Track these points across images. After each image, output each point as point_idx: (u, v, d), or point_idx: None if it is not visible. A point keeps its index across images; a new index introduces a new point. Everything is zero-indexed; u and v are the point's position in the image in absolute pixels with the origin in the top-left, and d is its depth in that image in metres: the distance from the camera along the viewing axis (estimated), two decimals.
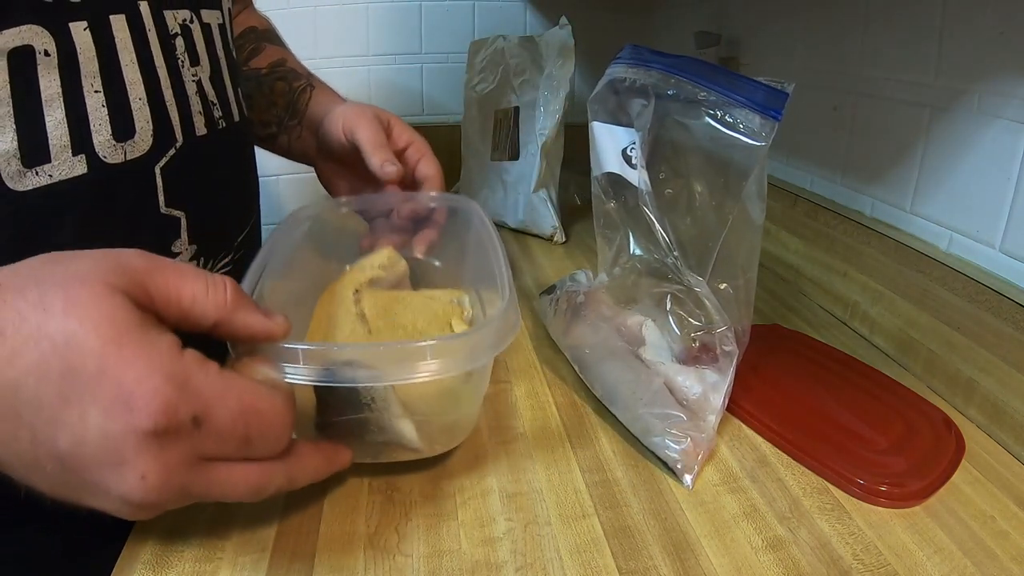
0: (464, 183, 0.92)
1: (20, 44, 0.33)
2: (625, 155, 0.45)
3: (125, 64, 0.39)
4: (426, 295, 0.47)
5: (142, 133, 0.39)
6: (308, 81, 0.63)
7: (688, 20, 0.93)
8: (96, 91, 0.37)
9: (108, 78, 0.38)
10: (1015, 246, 0.45)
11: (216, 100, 0.48)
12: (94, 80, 0.37)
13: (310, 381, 0.31)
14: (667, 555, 0.34)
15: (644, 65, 0.45)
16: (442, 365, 0.32)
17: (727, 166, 0.40)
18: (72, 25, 0.36)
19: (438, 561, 0.33)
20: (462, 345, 0.33)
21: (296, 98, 0.61)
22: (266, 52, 0.64)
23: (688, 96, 0.42)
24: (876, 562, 0.33)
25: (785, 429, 0.42)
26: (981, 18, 0.46)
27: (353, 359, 0.32)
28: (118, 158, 0.38)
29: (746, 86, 0.39)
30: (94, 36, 0.37)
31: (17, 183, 0.34)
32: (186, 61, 0.44)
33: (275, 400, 0.28)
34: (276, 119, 0.62)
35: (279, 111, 0.62)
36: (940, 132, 0.50)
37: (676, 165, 0.44)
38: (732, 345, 0.41)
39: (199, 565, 0.33)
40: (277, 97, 0.62)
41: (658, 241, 0.43)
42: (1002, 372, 0.43)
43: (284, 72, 0.63)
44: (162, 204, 0.41)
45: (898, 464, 0.39)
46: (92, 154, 0.37)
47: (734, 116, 0.39)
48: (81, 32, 0.36)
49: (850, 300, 0.58)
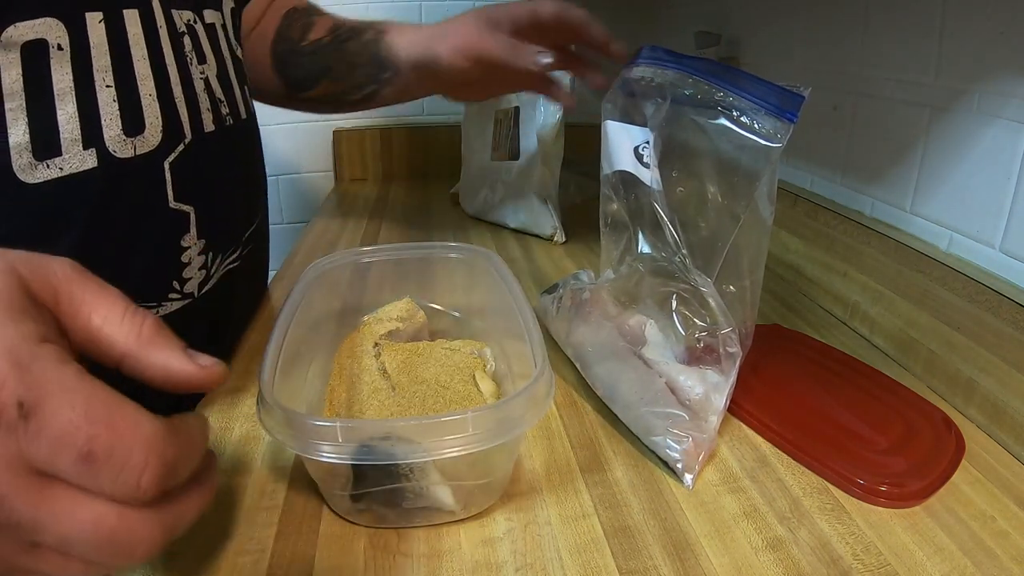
0: (464, 183, 0.92)
1: (34, 37, 0.34)
2: (637, 153, 0.45)
3: (137, 59, 0.39)
4: (446, 346, 0.47)
5: (152, 128, 0.40)
6: (374, 28, 0.62)
7: (688, 20, 0.93)
8: (108, 86, 0.37)
9: (120, 73, 0.38)
10: (1015, 246, 0.45)
11: (223, 98, 0.48)
12: (106, 75, 0.37)
13: (349, 461, 0.32)
14: (667, 555, 0.34)
15: (661, 64, 0.45)
16: (483, 436, 0.31)
17: (739, 167, 0.41)
18: (88, 16, 0.36)
19: (438, 561, 0.33)
20: (502, 414, 0.32)
21: (377, 50, 0.61)
22: (318, 23, 0.64)
23: (704, 96, 0.42)
24: (876, 562, 0.33)
25: (785, 429, 0.42)
26: (981, 18, 0.46)
27: (391, 432, 0.32)
28: (128, 152, 0.38)
29: (762, 88, 0.40)
30: (108, 29, 0.37)
31: (28, 175, 0.34)
32: (194, 59, 0.45)
33: (147, 423, 0.21)
34: (368, 77, 0.62)
35: (367, 69, 0.61)
36: (940, 132, 0.50)
37: (688, 165, 0.44)
38: (736, 347, 0.41)
39: (199, 565, 0.33)
40: (355, 57, 0.61)
41: (667, 240, 0.43)
42: (1002, 372, 0.43)
43: (347, 32, 0.62)
44: (171, 198, 0.41)
45: (898, 464, 0.39)
46: (102, 148, 0.37)
47: (750, 117, 0.40)
48: (96, 24, 0.37)
49: (850, 300, 0.58)
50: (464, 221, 0.89)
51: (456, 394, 0.41)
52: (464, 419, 0.31)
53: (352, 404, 0.40)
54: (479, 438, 0.31)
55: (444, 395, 0.41)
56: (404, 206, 0.96)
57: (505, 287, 0.45)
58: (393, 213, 0.92)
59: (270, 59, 0.64)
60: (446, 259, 0.52)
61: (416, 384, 0.42)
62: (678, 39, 0.97)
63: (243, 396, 0.46)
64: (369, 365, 0.44)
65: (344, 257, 0.50)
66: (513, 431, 0.32)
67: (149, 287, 0.42)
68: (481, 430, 0.31)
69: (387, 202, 0.98)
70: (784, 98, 0.39)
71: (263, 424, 0.32)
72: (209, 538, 0.34)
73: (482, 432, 0.31)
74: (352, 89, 0.63)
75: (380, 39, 0.61)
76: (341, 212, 0.93)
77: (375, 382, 0.42)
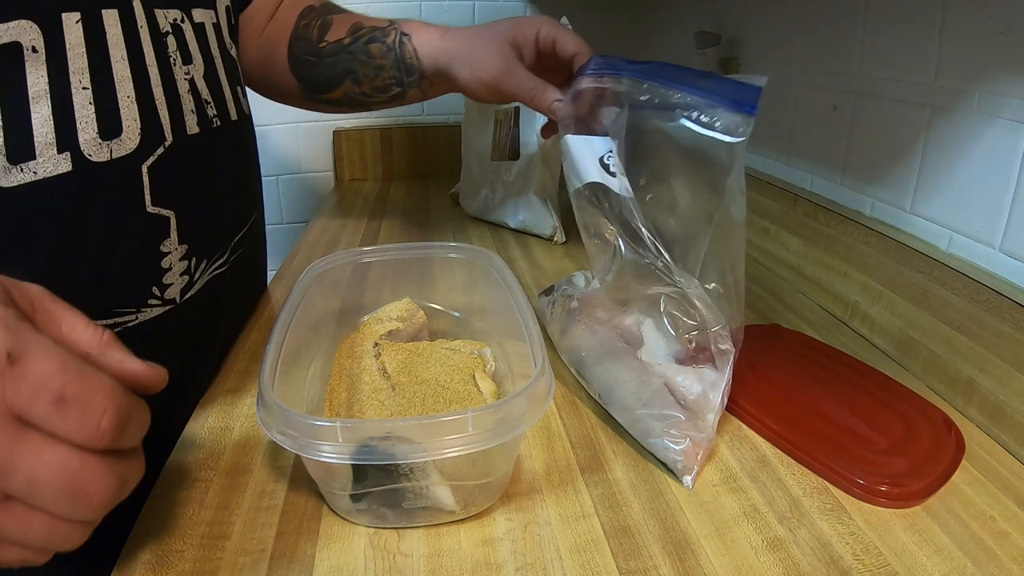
0: (464, 183, 0.92)
1: (8, 41, 0.33)
2: (603, 163, 0.45)
3: (115, 61, 0.38)
4: (446, 346, 0.47)
5: (129, 131, 0.39)
6: (396, 29, 0.62)
7: (688, 20, 0.93)
8: (84, 88, 0.37)
9: (97, 75, 0.37)
10: (1015, 246, 0.45)
11: (210, 99, 0.47)
12: (82, 77, 0.36)
13: (349, 461, 0.32)
14: (667, 555, 0.34)
15: (614, 73, 0.45)
16: (483, 436, 0.31)
17: (707, 165, 0.40)
18: (65, 16, 0.36)
19: (438, 561, 0.33)
20: (503, 414, 0.32)
21: (402, 55, 0.61)
22: (336, 22, 0.63)
23: (661, 99, 0.42)
24: (876, 562, 0.33)
25: (785, 429, 0.42)
26: (981, 18, 0.46)
27: (391, 432, 0.32)
28: (104, 156, 0.38)
29: (717, 84, 0.39)
30: (85, 30, 0.37)
31: (2, 179, 0.34)
32: (178, 59, 0.44)
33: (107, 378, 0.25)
34: (393, 80, 0.62)
35: (392, 72, 0.61)
36: (940, 132, 0.50)
37: (656, 169, 0.44)
38: (728, 343, 0.41)
39: (199, 565, 0.33)
40: (379, 60, 0.61)
41: (647, 245, 0.43)
42: (1002, 372, 0.43)
43: (368, 33, 0.62)
44: (148, 203, 0.41)
45: (898, 464, 0.39)
46: (77, 152, 0.37)
47: (709, 115, 0.39)
48: (73, 24, 0.36)
49: (850, 300, 0.58)
50: (464, 221, 0.89)
51: (456, 394, 0.41)
52: (464, 419, 0.31)
53: (352, 404, 0.40)
54: (479, 438, 0.31)
55: (444, 395, 0.41)
56: (404, 206, 0.96)
57: (505, 287, 0.45)
58: (393, 213, 0.92)
59: (287, 60, 0.63)
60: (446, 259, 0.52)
61: (416, 384, 0.42)
62: (678, 39, 0.97)
63: (243, 396, 0.46)
64: (369, 365, 0.44)
65: (344, 257, 0.50)
66: (513, 431, 0.32)
67: (127, 292, 0.41)
68: (481, 430, 0.31)
69: (387, 202, 0.98)
70: (740, 92, 0.38)
71: (263, 424, 0.32)
72: (209, 538, 0.34)
73: (482, 432, 0.31)
74: (376, 91, 0.63)
75: (405, 42, 0.61)
76: (341, 212, 0.93)
77: (375, 382, 0.42)
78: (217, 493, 0.37)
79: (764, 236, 0.72)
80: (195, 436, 0.42)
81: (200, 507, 0.36)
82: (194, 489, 0.38)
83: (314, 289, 0.46)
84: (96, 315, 0.35)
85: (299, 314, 0.42)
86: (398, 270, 0.52)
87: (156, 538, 0.34)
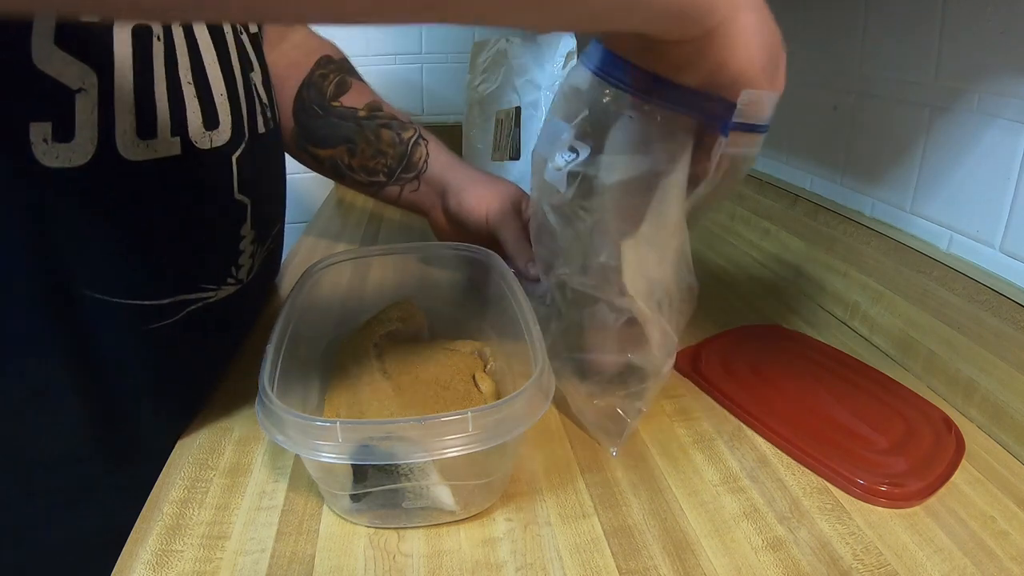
0: None
1: (143, 22, 0.36)
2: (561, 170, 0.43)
3: (208, 63, 0.42)
4: (446, 347, 0.47)
5: (223, 125, 0.43)
6: (417, 132, 0.65)
7: None
8: (188, 82, 0.40)
9: (196, 73, 0.41)
10: (1015, 246, 0.45)
11: (268, 102, 0.51)
12: (187, 72, 0.40)
13: (349, 461, 0.32)
14: (667, 555, 0.34)
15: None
16: (483, 436, 0.31)
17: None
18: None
19: (438, 561, 0.33)
20: (503, 414, 0.32)
21: (410, 151, 0.63)
22: (354, 89, 0.65)
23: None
24: (876, 562, 0.33)
25: (785, 429, 0.42)
26: (981, 18, 0.46)
27: (391, 432, 0.32)
28: (206, 144, 0.41)
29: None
30: (184, 33, 0.40)
31: (130, 151, 0.36)
32: (248, 65, 0.48)
33: None
34: (386, 168, 0.64)
35: (390, 161, 0.64)
36: (940, 132, 0.50)
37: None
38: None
39: (199, 565, 0.33)
40: (385, 147, 0.64)
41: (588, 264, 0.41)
42: (1002, 372, 0.43)
43: (387, 119, 0.64)
44: (236, 190, 0.45)
45: (898, 464, 0.39)
46: (186, 138, 0.40)
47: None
48: (177, 27, 0.39)
49: (850, 300, 0.58)
50: None
51: (456, 394, 0.41)
52: (464, 419, 0.31)
53: (352, 404, 0.40)
54: (479, 438, 0.31)
55: (444, 395, 0.41)
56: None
57: (505, 287, 0.45)
58: (393, 213, 0.92)
59: (292, 101, 0.65)
60: (446, 259, 0.52)
61: (416, 384, 0.42)
62: None
63: (243, 396, 0.46)
64: (369, 365, 0.44)
65: (344, 257, 0.50)
66: (513, 431, 0.32)
67: (213, 270, 0.44)
68: (481, 430, 0.31)
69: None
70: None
71: (263, 424, 0.32)
72: (209, 538, 0.34)
73: (482, 432, 0.31)
74: (362, 170, 0.65)
75: (420, 145, 0.64)
76: (341, 212, 0.93)
77: (375, 382, 0.42)
78: (217, 493, 0.37)
79: (764, 236, 0.72)
80: (195, 436, 0.42)
81: (200, 507, 0.36)
82: (194, 489, 0.38)
83: (314, 289, 0.46)
84: (186, 288, 0.41)
85: (299, 314, 0.42)
86: (398, 270, 0.52)
87: (156, 538, 0.34)
